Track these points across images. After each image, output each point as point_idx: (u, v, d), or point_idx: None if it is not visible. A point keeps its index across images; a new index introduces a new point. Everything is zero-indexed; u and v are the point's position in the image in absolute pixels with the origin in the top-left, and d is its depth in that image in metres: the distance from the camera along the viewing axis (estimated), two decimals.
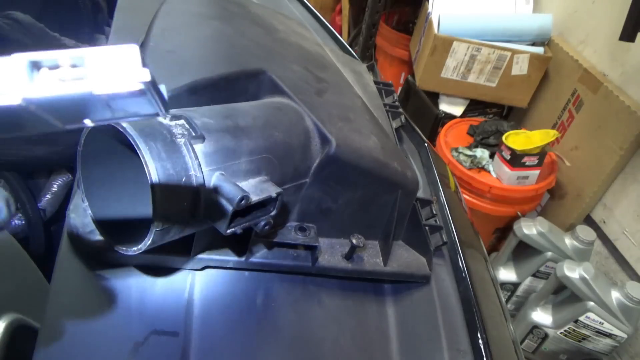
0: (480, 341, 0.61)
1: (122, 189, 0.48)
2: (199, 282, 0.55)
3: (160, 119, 0.46)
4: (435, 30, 1.85)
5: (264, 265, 0.57)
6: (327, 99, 0.66)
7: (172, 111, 0.46)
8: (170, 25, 0.65)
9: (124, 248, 0.44)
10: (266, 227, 0.49)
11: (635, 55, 1.55)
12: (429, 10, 1.95)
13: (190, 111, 0.48)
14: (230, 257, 0.56)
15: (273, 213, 0.49)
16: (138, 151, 0.40)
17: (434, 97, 2.06)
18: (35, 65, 0.20)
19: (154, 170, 0.40)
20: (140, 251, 0.43)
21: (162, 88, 0.22)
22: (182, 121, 0.45)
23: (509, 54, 1.83)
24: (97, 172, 0.47)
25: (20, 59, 0.19)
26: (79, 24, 0.97)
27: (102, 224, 0.47)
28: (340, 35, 1.09)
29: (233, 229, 0.46)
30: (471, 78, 1.92)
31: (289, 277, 0.59)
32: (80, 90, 0.20)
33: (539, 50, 1.86)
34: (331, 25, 1.12)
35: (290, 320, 0.55)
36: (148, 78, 0.21)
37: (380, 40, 2.36)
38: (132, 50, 0.21)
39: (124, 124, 0.40)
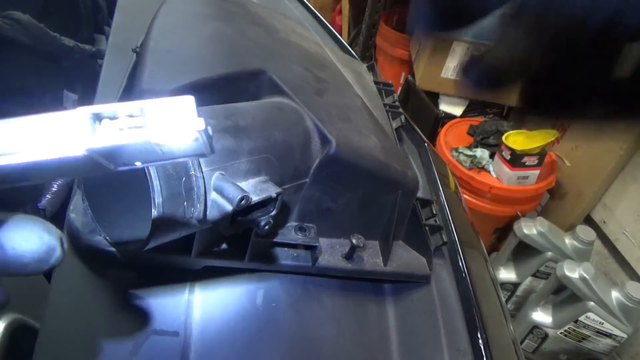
0: (480, 341, 0.61)
1: (122, 188, 0.48)
2: (199, 282, 0.55)
3: None
4: None
5: (264, 265, 0.57)
6: (327, 99, 0.66)
7: None
8: (170, 25, 0.65)
9: (124, 248, 0.44)
10: (266, 227, 0.49)
11: None
12: None
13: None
14: (230, 259, 0.56)
15: (273, 213, 0.49)
16: None
17: (434, 97, 2.06)
18: (97, 117, 0.21)
19: (154, 170, 0.40)
20: (141, 251, 0.43)
21: (210, 129, 0.24)
22: None
23: None
24: None
25: (83, 112, 0.21)
26: (79, 24, 0.97)
27: (102, 224, 0.47)
28: (340, 35, 1.09)
29: (233, 229, 0.46)
30: None
31: (289, 277, 0.59)
32: (139, 140, 0.21)
33: None
34: (331, 25, 1.12)
35: (290, 320, 0.55)
36: (202, 127, 0.23)
37: (380, 40, 2.36)
38: (187, 102, 0.23)
39: None
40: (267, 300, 0.56)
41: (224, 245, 0.56)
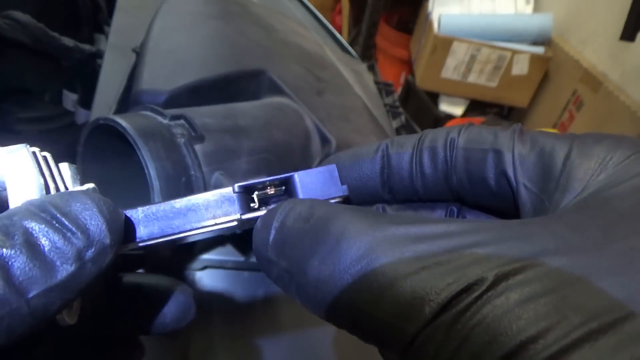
0: None
1: (122, 188, 0.48)
2: (199, 282, 0.55)
3: (160, 118, 0.46)
4: (435, 30, 1.85)
5: None
6: (327, 99, 0.66)
7: (172, 111, 0.46)
8: (170, 25, 0.65)
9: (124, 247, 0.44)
10: None
11: (636, 55, 1.55)
12: (429, 10, 1.95)
13: (190, 111, 0.48)
14: (230, 257, 0.56)
15: None
16: (138, 151, 0.40)
17: (434, 97, 2.06)
18: (249, 191, 0.24)
19: (154, 170, 0.40)
20: (141, 251, 0.43)
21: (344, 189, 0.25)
22: (182, 121, 0.45)
23: (509, 54, 1.83)
24: (97, 172, 0.47)
25: (237, 188, 0.24)
26: (79, 24, 0.97)
27: None
28: (340, 35, 1.09)
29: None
30: (471, 78, 1.92)
31: None
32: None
33: (539, 50, 1.86)
34: (331, 25, 1.11)
35: (290, 320, 0.55)
36: (347, 192, 0.24)
37: (380, 40, 2.37)
38: (331, 170, 0.25)
39: (123, 124, 0.40)
40: (267, 300, 0.56)
41: (224, 245, 0.56)
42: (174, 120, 0.45)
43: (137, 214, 0.23)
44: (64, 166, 0.24)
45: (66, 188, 0.23)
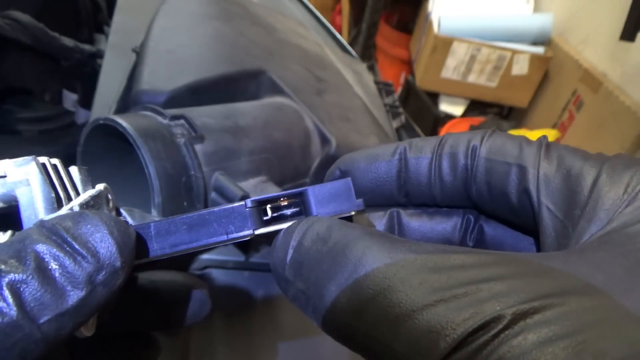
0: None
1: (122, 188, 0.48)
2: None
3: (160, 118, 0.46)
4: (435, 30, 1.85)
5: (264, 265, 0.57)
6: (327, 99, 0.66)
7: (172, 111, 0.46)
8: (170, 25, 0.65)
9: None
10: None
11: (636, 55, 1.55)
12: (429, 10, 1.95)
13: (190, 111, 0.48)
14: (230, 257, 0.56)
15: None
16: (138, 151, 0.40)
17: (434, 97, 2.06)
18: (262, 205, 0.24)
19: (154, 170, 0.40)
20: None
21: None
22: (182, 121, 0.45)
23: (509, 54, 1.83)
24: (97, 172, 0.47)
25: (250, 203, 0.24)
26: (79, 24, 0.97)
27: None
28: (340, 35, 1.09)
29: None
30: (471, 78, 1.92)
31: None
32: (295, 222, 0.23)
33: (539, 50, 1.86)
34: (331, 25, 1.11)
35: (290, 320, 0.55)
36: (362, 207, 0.24)
37: (380, 40, 2.37)
38: (346, 184, 0.24)
39: (124, 124, 0.40)
40: (267, 300, 0.56)
41: (224, 245, 0.56)
42: (174, 120, 0.45)
43: (149, 230, 0.23)
44: (74, 170, 0.24)
45: (78, 194, 0.23)
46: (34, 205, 0.21)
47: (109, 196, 0.24)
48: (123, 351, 0.28)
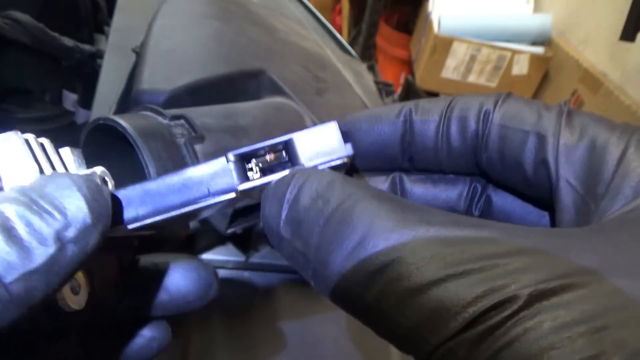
0: None
1: (122, 188, 0.48)
2: None
3: (160, 119, 0.46)
4: (435, 30, 1.85)
5: (264, 265, 0.57)
6: (327, 99, 0.66)
7: (172, 111, 0.46)
8: (170, 25, 0.65)
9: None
10: None
11: (636, 55, 1.55)
12: (429, 10, 1.95)
13: (190, 111, 0.48)
14: (230, 257, 0.56)
15: None
16: (138, 151, 0.40)
17: (434, 97, 2.06)
18: (247, 159, 0.23)
19: (154, 170, 0.40)
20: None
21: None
22: (182, 121, 0.45)
23: (509, 54, 1.84)
24: None
25: (231, 157, 0.22)
26: (78, 24, 0.97)
27: None
28: (340, 35, 1.09)
29: (233, 229, 0.46)
30: (471, 78, 1.92)
31: (289, 277, 0.59)
32: (285, 174, 0.22)
33: (539, 50, 1.86)
34: (331, 25, 1.11)
35: (290, 319, 0.55)
36: (351, 152, 0.22)
37: (380, 40, 2.37)
38: (331, 129, 0.23)
39: (123, 124, 0.40)
40: (267, 300, 0.56)
41: (224, 245, 0.56)
42: (174, 121, 0.45)
43: (127, 192, 0.22)
44: (66, 151, 0.23)
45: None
46: (16, 179, 0.20)
47: (106, 178, 0.24)
48: (132, 338, 0.28)
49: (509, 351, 0.13)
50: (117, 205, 0.22)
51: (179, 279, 0.28)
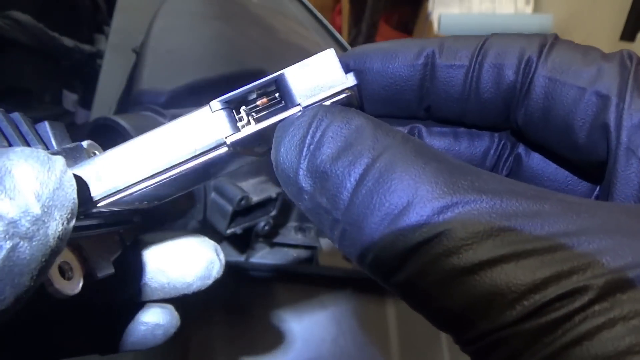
0: None
1: None
2: None
3: (160, 119, 0.46)
4: (435, 30, 1.85)
5: (264, 265, 0.57)
6: None
7: (172, 111, 0.46)
8: (170, 25, 0.65)
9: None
10: (266, 228, 0.49)
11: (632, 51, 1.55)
12: (429, 10, 1.95)
13: (190, 111, 0.48)
14: (230, 258, 0.56)
15: (273, 213, 0.49)
16: None
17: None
18: (235, 107, 0.19)
19: None
20: None
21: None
22: None
23: None
24: None
25: (216, 105, 0.19)
26: (78, 24, 0.97)
27: None
28: (340, 35, 1.09)
29: (233, 229, 0.46)
30: None
31: (289, 277, 0.59)
32: (283, 117, 0.19)
33: None
34: (331, 25, 1.11)
35: (290, 320, 0.55)
36: (354, 82, 0.19)
37: (381, 41, 2.36)
38: (329, 56, 0.19)
39: (123, 124, 0.40)
40: (267, 300, 0.56)
41: (223, 246, 0.56)
42: None
43: (96, 162, 0.19)
44: (44, 125, 0.21)
45: (47, 148, 0.20)
46: None
47: (96, 152, 0.22)
48: (133, 323, 0.26)
49: (577, 350, 0.11)
50: (82, 183, 0.19)
51: (175, 258, 0.25)
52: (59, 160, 0.16)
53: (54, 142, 0.21)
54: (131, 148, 0.19)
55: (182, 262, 0.25)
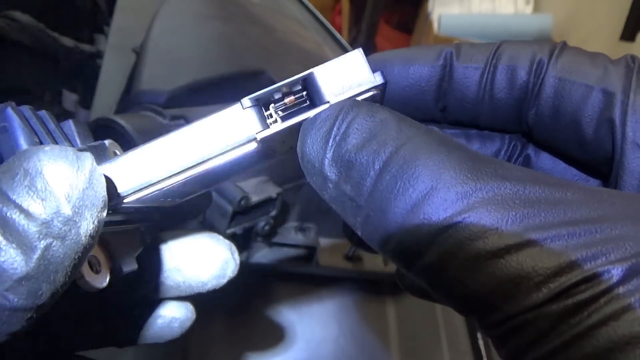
0: (480, 341, 0.61)
1: None
2: None
3: (160, 119, 0.46)
4: (435, 30, 1.85)
5: (264, 265, 0.57)
6: None
7: (172, 111, 0.46)
8: (170, 25, 0.65)
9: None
10: (266, 228, 0.49)
11: (636, 55, 1.55)
12: (429, 10, 1.95)
13: (190, 111, 0.48)
14: None
15: (273, 213, 0.49)
16: None
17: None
18: (263, 105, 0.20)
19: None
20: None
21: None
22: (182, 121, 0.45)
23: None
24: None
25: (247, 102, 0.19)
26: (78, 24, 0.97)
27: None
28: (340, 35, 1.09)
29: (233, 229, 0.46)
30: None
31: (289, 277, 0.59)
32: (308, 116, 0.19)
33: None
34: (331, 25, 1.11)
35: (290, 320, 0.55)
36: (381, 80, 0.19)
37: (380, 40, 2.36)
38: (357, 56, 0.20)
39: (123, 124, 0.40)
40: (267, 300, 0.56)
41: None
42: (174, 121, 0.45)
43: (125, 159, 0.19)
44: (69, 123, 0.22)
45: (72, 146, 0.21)
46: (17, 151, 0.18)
47: (117, 152, 0.22)
48: (150, 317, 0.26)
49: (604, 331, 0.12)
50: (110, 180, 0.20)
51: (190, 257, 0.25)
52: (88, 158, 0.17)
53: (78, 140, 0.21)
54: (162, 144, 0.20)
55: (198, 261, 0.26)
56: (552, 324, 0.13)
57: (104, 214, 0.17)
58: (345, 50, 1.05)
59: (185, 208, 0.25)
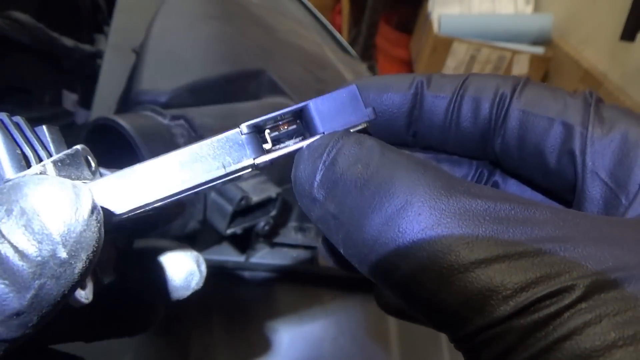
0: None
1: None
2: None
3: (160, 119, 0.46)
4: (435, 30, 1.85)
5: (264, 265, 0.57)
6: None
7: (172, 111, 0.46)
8: (170, 25, 0.65)
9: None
10: (266, 228, 0.49)
11: (636, 55, 1.55)
12: (429, 10, 1.95)
13: (190, 111, 0.48)
14: (230, 258, 0.56)
15: (273, 213, 0.49)
16: (138, 152, 0.40)
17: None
18: (259, 131, 0.21)
19: None
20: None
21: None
22: (182, 121, 0.45)
23: (509, 54, 1.83)
24: None
25: (245, 129, 0.21)
26: (78, 24, 0.97)
27: None
28: (340, 35, 1.09)
29: (233, 229, 0.46)
30: None
31: (289, 277, 0.59)
32: (307, 143, 0.20)
33: (539, 50, 1.86)
34: (331, 25, 1.11)
35: (290, 320, 0.55)
36: (373, 116, 0.21)
37: (380, 40, 2.36)
38: (351, 92, 0.21)
39: (123, 124, 0.40)
40: (267, 300, 0.56)
41: (223, 246, 0.56)
42: (174, 121, 0.45)
43: (133, 174, 0.20)
44: (43, 129, 0.21)
45: (50, 155, 0.21)
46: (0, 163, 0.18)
47: (89, 157, 0.22)
48: (127, 318, 0.27)
49: (568, 345, 0.12)
50: (108, 214, 0.20)
51: (157, 267, 0.26)
52: (87, 197, 0.17)
53: (52, 147, 0.21)
54: (160, 164, 0.20)
55: (162, 272, 0.26)
56: (520, 338, 0.13)
57: (99, 250, 0.17)
58: (346, 51, 1.05)
59: (157, 217, 0.26)
